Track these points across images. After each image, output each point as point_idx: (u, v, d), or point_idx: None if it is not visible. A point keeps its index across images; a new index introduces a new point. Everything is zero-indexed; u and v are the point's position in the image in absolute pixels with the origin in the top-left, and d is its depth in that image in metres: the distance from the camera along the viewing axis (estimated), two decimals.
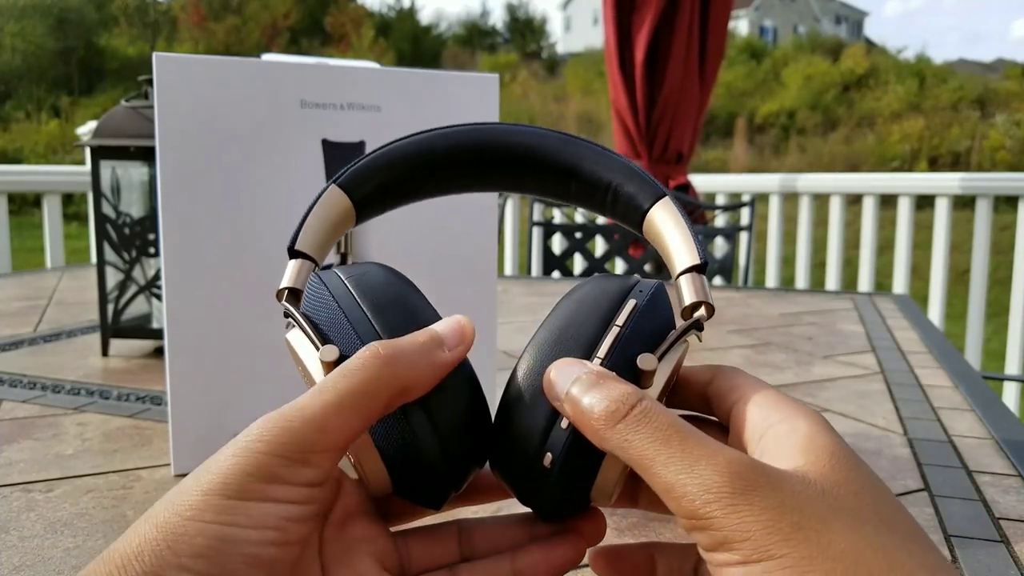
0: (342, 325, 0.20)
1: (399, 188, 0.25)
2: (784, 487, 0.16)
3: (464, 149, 0.24)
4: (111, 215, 0.66)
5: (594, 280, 0.21)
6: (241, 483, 0.16)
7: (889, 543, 0.16)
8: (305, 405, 0.17)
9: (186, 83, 0.39)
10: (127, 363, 0.67)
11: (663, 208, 0.23)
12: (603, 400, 0.17)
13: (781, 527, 0.15)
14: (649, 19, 1.87)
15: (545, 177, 0.24)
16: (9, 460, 0.44)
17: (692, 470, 0.16)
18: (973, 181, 2.16)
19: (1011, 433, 0.51)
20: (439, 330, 0.19)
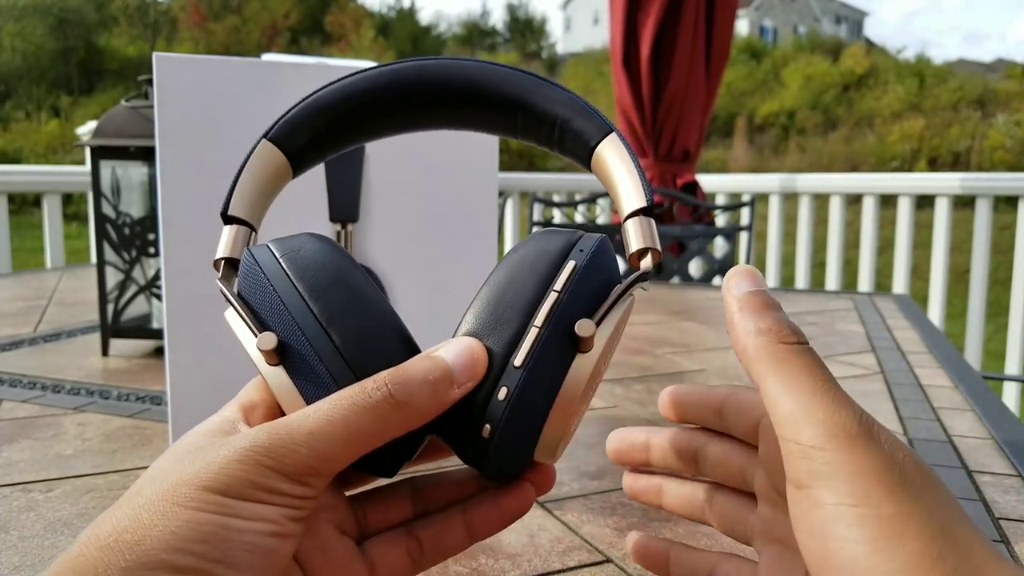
0: (279, 309, 0.19)
1: (335, 135, 0.23)
2: (895, 449, 0.17)
3: (402, 86, 0.23)
4: (111, 215, 0.67)
5: (534, 238, 0.21)
6: (240, 488, 0.17)
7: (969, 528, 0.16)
8: (312, 430, 0.17)
9: (186, 83, 0.39)
10: (127, 363, 0.67)
11: (610, 145, 0.22)
12: (770, 324, 0.19)
13: (884, 480, 0.16)
14: (654, 16, 1.87)
15: (489, 112, 0.23)
16: (9, 460, 0.44)
17: (822, 405, 0.17)
18: (973, 181, 2.16)
19: (1011, 433, 0.51)
20: (450, 361, 0.19)
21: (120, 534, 0.16)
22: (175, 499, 0.16)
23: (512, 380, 0.19)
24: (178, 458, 0.18)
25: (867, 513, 0.15)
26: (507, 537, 0.35)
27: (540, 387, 0.19)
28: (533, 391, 0.19)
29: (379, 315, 0.20)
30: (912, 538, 0.15)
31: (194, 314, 0.40)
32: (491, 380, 0.19)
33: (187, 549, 0.16)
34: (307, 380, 0.19)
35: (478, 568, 0.32)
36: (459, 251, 0.46)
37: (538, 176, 2.87)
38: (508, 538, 0.35)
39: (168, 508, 0.16)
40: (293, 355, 0.19)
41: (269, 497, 0.17)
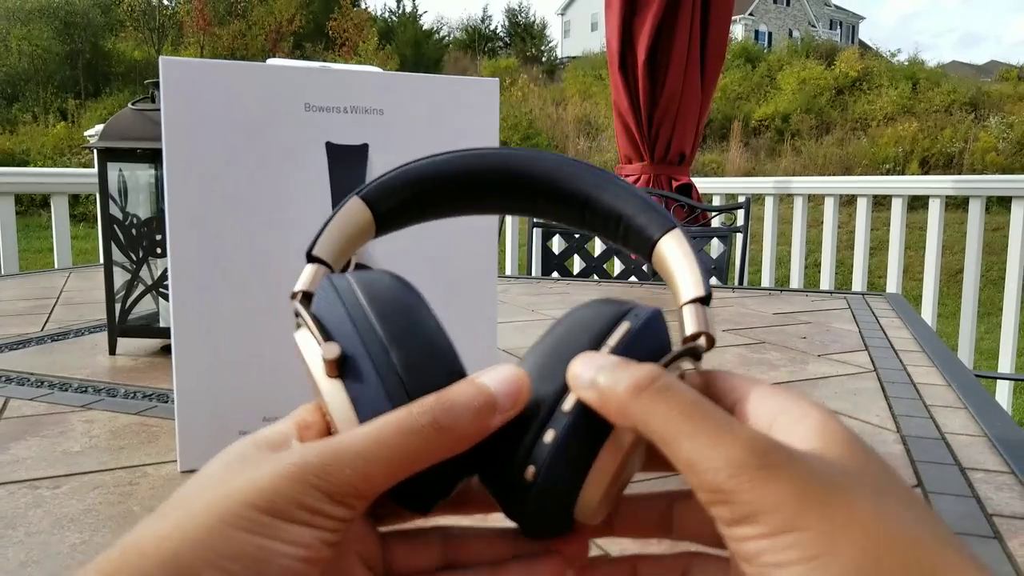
0: (346, 327, 0.20)
1: (420, 206, 0.25)
2: (807, 463, 0.16)
3: (488, 174, 0.25)
4: (118, 216, 0.67)
5: (591, 303, 0.22)
6: (285, 507, 0.17)
7: (908, 517, 0.16)
8: (360, 452, 0.18)
9: (192, 86, 0.40)
10: (134, 361, 0.68)
11: (672, 239, 0.23)
12: (628, 376, 0.18)
13: (807, 500, 0.15)
14: (651, 21, 1.89)
15: (561, 205, 0.25)
16: (17, 457, 0.45)
17: (716, 445, 0.16)
18: (966, 183, 2.18)
19: (1004, 431, 0.51)
20: (494, 389, 0.19)
21: (162, 541, 0.16)
22: (220, 514, 0.17)
23: (559, 424, 0.19)
24: (227, 466, 0.18)
25: (798, 536, 0.15)
26: None
27: (586, 434, 0.19)
28: (579, 436, 0.19)
29: (440, 345, 0.20)
30: (848, 547, 0.15)
31: (201, 313, 0.41)
32: (539, 423, 0.19)
33: (224, 567, 0.16)
34: (362, 397, 0.19)
35: None
36: (460, 252, 0.46)
37: None
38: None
39: (212, 523, 0.16)
40: (353, 369, 0.20)
41: (311, 518, 0.17)
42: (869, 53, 20.20)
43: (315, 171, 0.42)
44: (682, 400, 0.17)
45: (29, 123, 12.81)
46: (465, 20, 28.19)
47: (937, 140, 12.47)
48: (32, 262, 4.02)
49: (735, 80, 16.02)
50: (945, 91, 14.47)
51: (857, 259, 2.29)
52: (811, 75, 15.72)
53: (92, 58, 15.28)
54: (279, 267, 0.42)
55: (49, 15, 15.01)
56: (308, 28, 18.39)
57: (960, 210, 2.25)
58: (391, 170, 0.25)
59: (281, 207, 0.42)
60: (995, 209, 2.30)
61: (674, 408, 0.17)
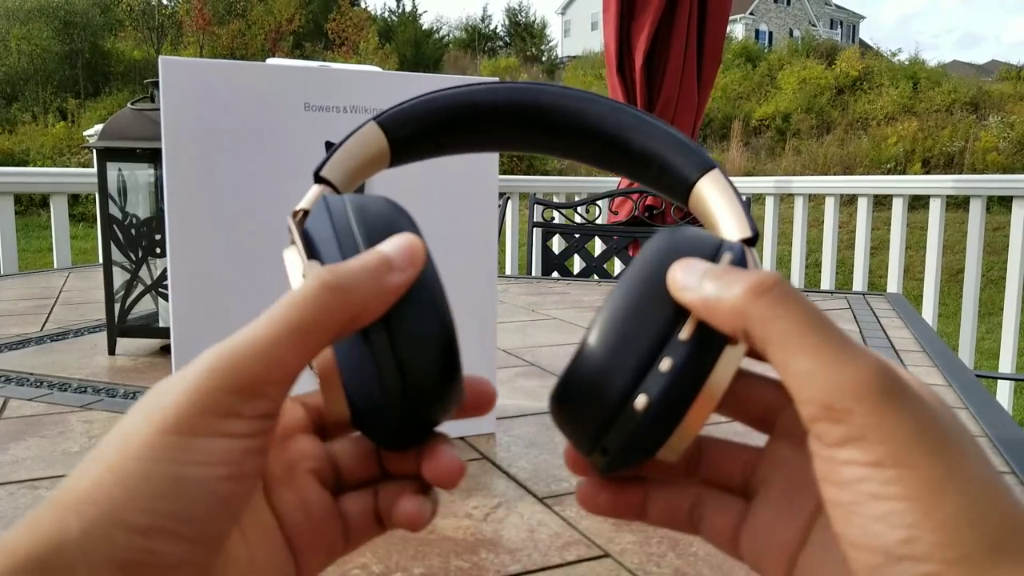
0: (331, 246, 0.19)
1: (439, 137, 0.24)
2: (928, 403, 0.16)
3: (510, 107, 0.24)
4: (118, 216, 0.67)
5: (671, 232, 0.20)
6: (195, 421, 0.16)
7: (1007, 487, 0.16)
8: (255, 338, 0.17)
9: (191, 86, 0.40)
10: (133, 361, 0.68)
11: (711, 180, 0.22)
12: (743, 277, 0.17)
13: (923, 439, 0.15)
14: (648, 24, 1.89)
15: (588, 144, 0.24)
16: (16, 457, 0.45)
17: (842, 362, 0.16)
18: (967, 182, 2.18)
19: (1005, 431, 0.52)
20: (387, 251, 0.18)
21: (79, 493, 0.15)
22: (128, 451, 0.15)
23: (678, 352, 0.18)
24: (136, 408, 0.17)
25: (906, 473, 0.15)
26: (507, 532, 0.36)
27: (699, 367, 0.18)
28: (697, 368, 0.18)
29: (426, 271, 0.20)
30: (953, 498, 0.15)
31: (200, 313, 0.41)
32: (654, 350, 0.18)
33: (144, 507, 0.15)
34: None
35: (479, 563, 0.33)
36: (460, 251, 0.46)
37: (538, 178, 2.88)
38: (508, 533, 0.36)
39: (123, 462, 0.15)
40: None
41: (227, 424, 0.16)
42: (870, 52, 20.21)
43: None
44: (808, 309, 0.16)
45: (28, 123, 12.83)
46: (464, 19, 28.19)
47: (938, 140, 12.48)
48: (32, 262, 4.02)
49: (735, 80, 16.02)
50: (946, 91, 14.47)
51: (858, 259, 2.29)
52: (811, 75, 15.72)
53: (91, 58, 15.30)
54: (279, 267, 0.42)
55: (48, 15, 15.03)
56: (308, 28, 18.41)
57: (961, 210, 2.25)
58: (411, 98, 0.24)
59: (281, 207, 0.42)
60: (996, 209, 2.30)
61: (799, 315, 0.16)
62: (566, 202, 2.01)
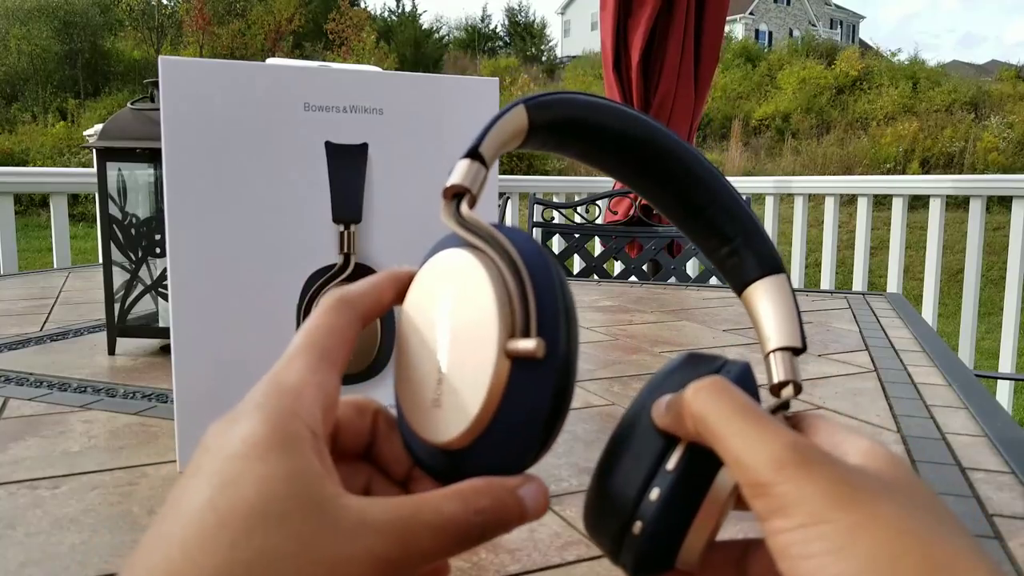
0: (555, 322, 0.18)
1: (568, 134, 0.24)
2: (840, 465, 0.18)
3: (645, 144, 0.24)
4: (118, 216, 0.67)
5: (684, 362, 0.22)
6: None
7: (930, 520, 0.17)
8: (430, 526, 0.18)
9: (191, 86, 0.40)
10: (133, 361, 0.68)
11: (776, 284, 0.23)
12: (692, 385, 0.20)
13: (835, 496, 0.17)
14: (645, 21, 1.89)
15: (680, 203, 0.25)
16: (16, 457, 0.45)
17: (761, 441, 0.18)
18: (966, 182, 2.18)
19: (1004, 431, 0.51)
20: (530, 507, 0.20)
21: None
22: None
23: (664, 482, 0.20)
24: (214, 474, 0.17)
25: (824, 528, 0.16)
26: None
27: (689, 490, 0.20)
28: (682, 494, 0.20)
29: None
30: (869, 540, 0.16)
31: (200, 313, 0.41)
32: (643, 481, 0.20)
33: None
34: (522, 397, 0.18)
35: (479, 563, 0.33)
36: None
37: (538, 178, 2.88)
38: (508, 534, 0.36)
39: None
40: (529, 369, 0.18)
41: None
42: (869, 52, 20.20)
43: (315, 171, 0.42)
44: (735, 400, 0.19)
45: (28, 123, 12.83)
46: (464, 19, 28.17)
47: (938, 140, 12.47)
48: (31, 262, 4.02)
49: (735, 79, 16.02)
50: (946, 91, 14.47)
51: (857, 259, 2.29)
52: (811, 74, 15.72)
53: (91, 58, 15.30)
54: (278, 266, 0.42)
55: (48, 14, 15.02)
56: (307, 28, 18.40)
57: (961, 209, 2.25)
58: (566, 91, 0.24)
59: (281, 207, 0.42)
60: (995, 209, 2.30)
61: (726, 406, 0.19)
62: (566, 202, 2.01)
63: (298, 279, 0.42)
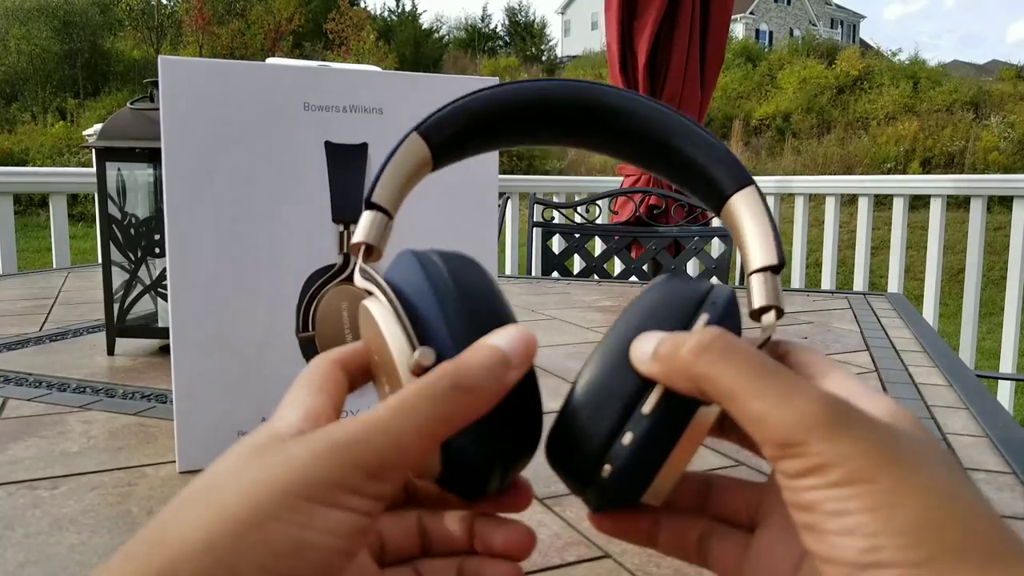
0: (442, 333, 0.19)
1: (480, 137, 0.24)
2: (879, 425, 0.17)
3: (551, 103, 0.24)
4: (117, 216, 0.67)
5: (666, 285, 0.21)
6: (326, 492, 0.16)
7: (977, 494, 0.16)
8: (388, 424, 0.17)
9: (191, 86, 0.39)
10: (132, 362, 0.67)
11: (746, 197, 0.22)
12: (690, 337, 0.18)
13: (878, 456, 0.16)
14: (650, 23, 1.89)
15: (629, 144, 0.24)
16: (15, 457, 0.45)
17: (789, 400, 0.17)
18: (967, 182, 2.18)
19: (1006, 431, 0.51)
20: (505, 349, 0.19)
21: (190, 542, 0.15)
22: (257, 504, 0.16)
23: (638, 428, 0.19)
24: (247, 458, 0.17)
25: (862, 488, 0.16)
26: None
27: (663, 435, 0.19)
28: (656, 439, 0.19)
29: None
30: (910, 505, 0.15)
31: (199, 313, 0.41)
32: (618, 423, 0.19)
33: (262, 563, 0.15)
34: None
35: None
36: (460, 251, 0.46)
37: (538, 178, 2.88)
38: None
39: (249, 514, 0.16)
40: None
41: (349, 500, 0.17)
42: (870, 52, 20.20)
43: (314, 170, 0.42)
44: (749, 357, 0.18)
45: (28, 122, 12.85)
46: (464, 19, 28.17)
47: (938, 139, 12.47)
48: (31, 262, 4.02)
49: (736, 79, 16.02)
50: (946, 90, 14.47)
51: (858, 259, 2.29)
52: (812, 74, 15.72)
53: (91, 57, 15.32)
54: (278, 266, 0.42)
55: (48, 14, 15.04)
56: (307, 27, 18.41)
57: (962, 209, 2.25)
58: (449, 103, 0.24)
59: (280, 206, 0.42)
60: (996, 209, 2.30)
61: (742, 365, 0.18)
62: (566, 202, 2.01)
63: (298, 279, 0.42)
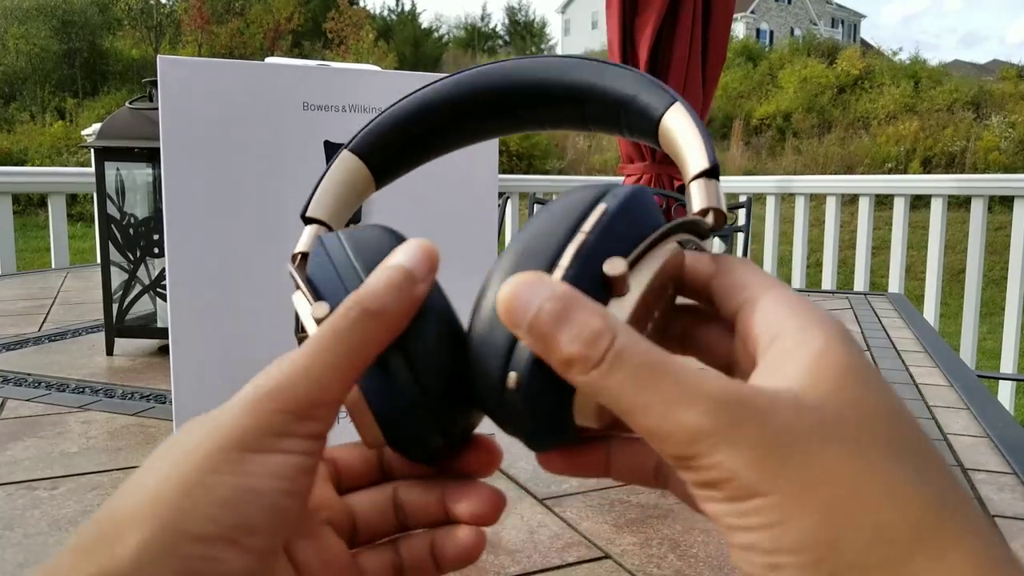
0: (334, 282, 0.20)
1: (412, 146, 0.24)
2: (772, 419, 0.15)
3: (468, 94, 0.23)
4: (116, 216, 0.67)
5: (570, 190, 0.19)
6: (254, 438, 0.17)
7: (896, 473, 0.14)
8: (306, 364, 0.18)
9: (190, 85, 0.39)
10: (131, 362, 0.67)
11: (675, 114, 0.21)
12: (573, 341, 0.16)
13: (767, 464, 0.14)
14: (652, 22, 1.89)
15: (558, 109, 0.23)
16: (14, 458, 0.44)
17: (673, 412, 0.15)
18: (968, 182, 2.18)
19: (1006, 431, 0.52)
20: (406, 263, 0.19)
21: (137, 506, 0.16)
22: (194, 465, 0.16)
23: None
24: (182, 433, 0.18)
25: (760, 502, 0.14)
26: (507, 534, 0.36)
27: None
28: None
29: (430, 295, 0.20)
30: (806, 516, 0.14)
31: (198, 313, 0.41)
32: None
33: (209, 515, 0.16)
34: None
35: (479, 564, 0.32)
36: (459, 252, 0.46)
37: (538, 178, 2.87)
38: (508, 535, 0.36)
39: (188, 475, 0.16)
40: None
41: (282, 443, 0.17)
42: (871, 51, 20.18)
43: (313, 170, 0.42)
44: (633, 368, 0.15)
45: (27, 122, 12.85)
46: (464, 18, 28.16)
47: (939, 139, 12.46)
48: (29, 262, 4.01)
49: (736, 78, 16.01)
50: (947, 90, 14.45)
51: (859, 259, 2.29)
52: (812, 73, 15.71)
53: (90, 57, 15.31)
54: (277, 266, 0.42)
55: (47, 14, 15.03)
56: (306, 27, 18.40)
57: (962, 209, 2.25)
58: (373, 118, 0.24)
59: (279, 206, 0.42)
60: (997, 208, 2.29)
61: (626, 380, 0.15)
62: None
63: None
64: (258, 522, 0.16)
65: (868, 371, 0.16)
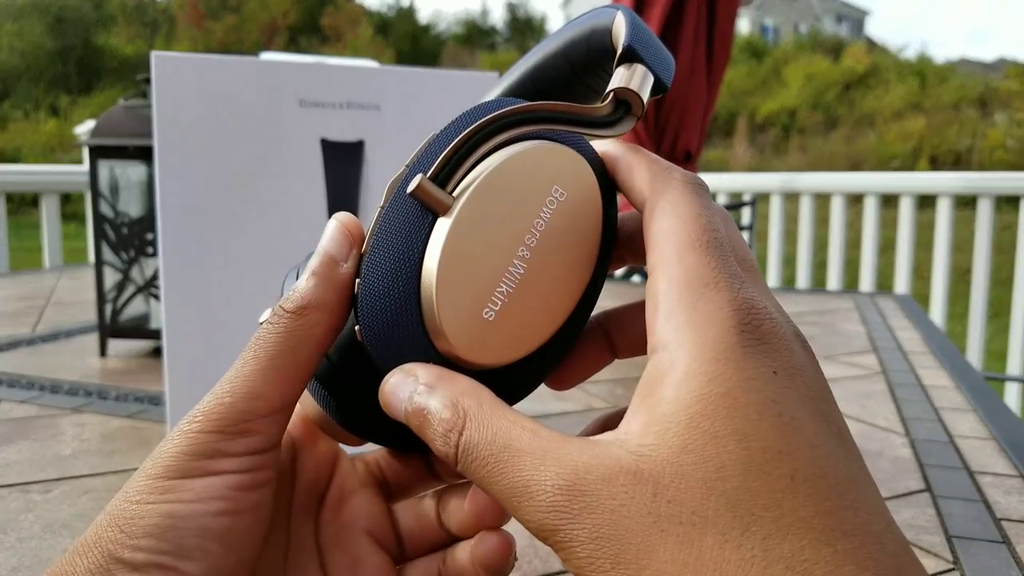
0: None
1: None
2: (605, 506, 0.14)
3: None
4: (109, 215, 0.66)
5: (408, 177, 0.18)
6: (183, 464, 0.17)
7: (730, 558, 0.13)
8: (231, 378, 0.18)
9: (184, 82, 0.39)
10: (125, 363, 0.67)
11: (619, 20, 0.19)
12: (435, 439, 0.16)
13: (599, 565, 0.14)
14: (656, 17, 1.88)
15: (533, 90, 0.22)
16: (7, 461, 0.44)
17: (520, 508, 0.15)
18: (975, 181, 2.16)
19: (1013, 434, 0.51)
20: (329, 248, 0.18)
21: (85, 537, 0.17)
22: (125, 496, 0.17)
23: (363, 270, 0.17)
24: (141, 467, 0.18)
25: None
26: None
27: (390, 266, 0.16)
28: (382, 272, 0.16)
29: None
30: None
31: (192, 314, 0.40)
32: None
33: (137, 544, 0.16)
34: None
35: None
36: None
37: None
38: None
39: (118, 506, 0.16)
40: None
41: (213, 465, 0.17)
42: (876, 48, 20.11)
43: (310, 168, 0.41)
44: (482, 458, 0.15)
45: (20, 120, 12.89)
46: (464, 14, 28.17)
47: (945, 137, 12.42)
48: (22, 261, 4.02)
49: (740, 75, 15.96)
50: (953, 87, 14.40)
51: (865, 258, 2.27)
52: (817, 70, 15.66)
53: (84, 54, 15.35)
54: (272, 266, 0.41)
55: (40, 10, 15.08)
56: (303, 22, 18.41)
57: (969, 208, 2.23)
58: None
59: (275, 205, 0.41)
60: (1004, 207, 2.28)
61: (479, 470, 0.15)
62: None
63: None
64: (191, 546, 0.16)
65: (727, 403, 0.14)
